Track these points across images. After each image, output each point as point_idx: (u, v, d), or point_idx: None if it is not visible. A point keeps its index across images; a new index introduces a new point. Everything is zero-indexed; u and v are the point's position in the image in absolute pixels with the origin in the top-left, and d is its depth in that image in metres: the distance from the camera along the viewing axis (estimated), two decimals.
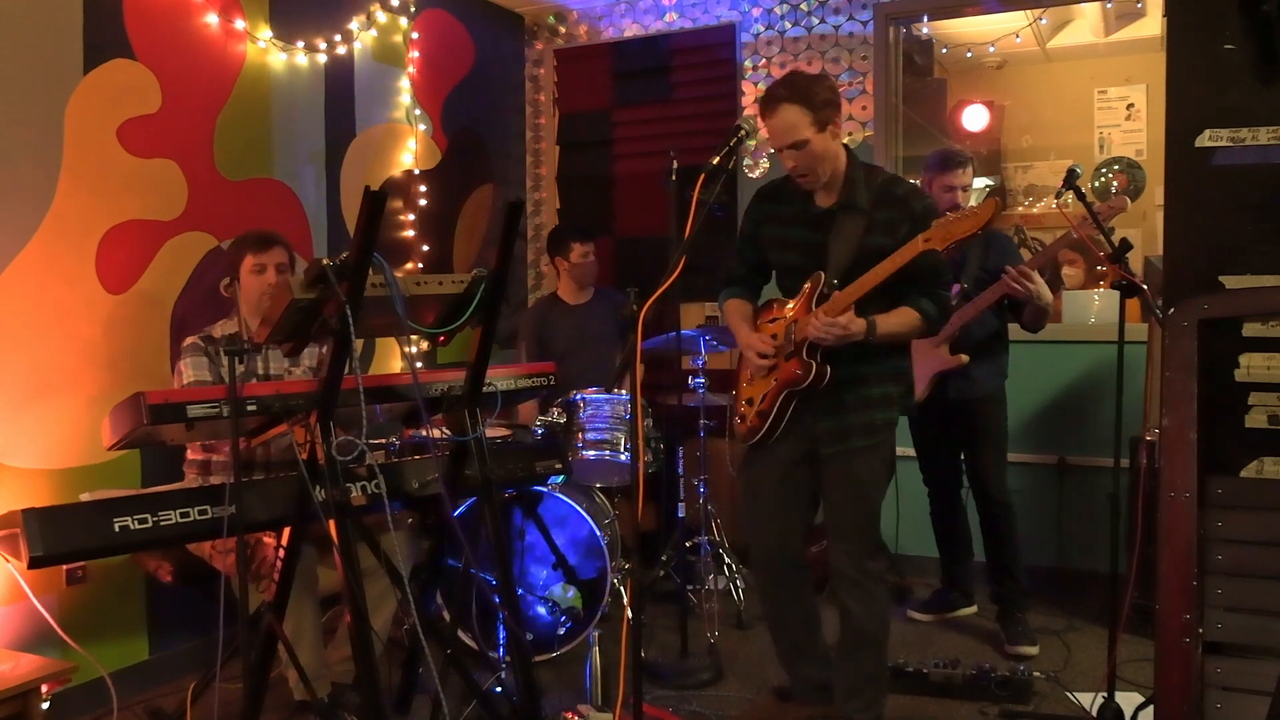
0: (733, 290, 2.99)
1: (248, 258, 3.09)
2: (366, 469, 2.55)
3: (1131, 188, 6.10)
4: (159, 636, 3.46)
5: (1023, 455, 4.31)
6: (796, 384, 2.70)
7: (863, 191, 2.70)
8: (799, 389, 2.71)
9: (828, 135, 2.65)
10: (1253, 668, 2.00)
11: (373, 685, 2.29)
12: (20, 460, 3.08)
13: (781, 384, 2.75)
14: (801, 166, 2.67)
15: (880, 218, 2.67)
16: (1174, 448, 2.09)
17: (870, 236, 2.66)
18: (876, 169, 2.84)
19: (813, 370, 2.67)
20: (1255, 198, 2.33)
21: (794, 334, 2.72)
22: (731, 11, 4.96)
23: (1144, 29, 5.85)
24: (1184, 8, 2.42)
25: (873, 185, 2.71)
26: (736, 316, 2.93)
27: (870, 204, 2.69)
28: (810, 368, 2.68)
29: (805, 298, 2.72)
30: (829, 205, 2.74)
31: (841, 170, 2.72)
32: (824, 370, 2.68)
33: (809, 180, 2.71)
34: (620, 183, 5.27)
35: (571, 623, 3.51)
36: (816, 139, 2.63)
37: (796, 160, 2.66)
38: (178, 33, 3.54)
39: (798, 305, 2.75)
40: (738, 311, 2.94)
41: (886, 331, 2.65)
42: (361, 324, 2.19)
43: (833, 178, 2.72)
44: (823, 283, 2.68)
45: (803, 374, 2.69)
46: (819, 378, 2.68)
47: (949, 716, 3.11)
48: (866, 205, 2.68)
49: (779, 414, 2.77)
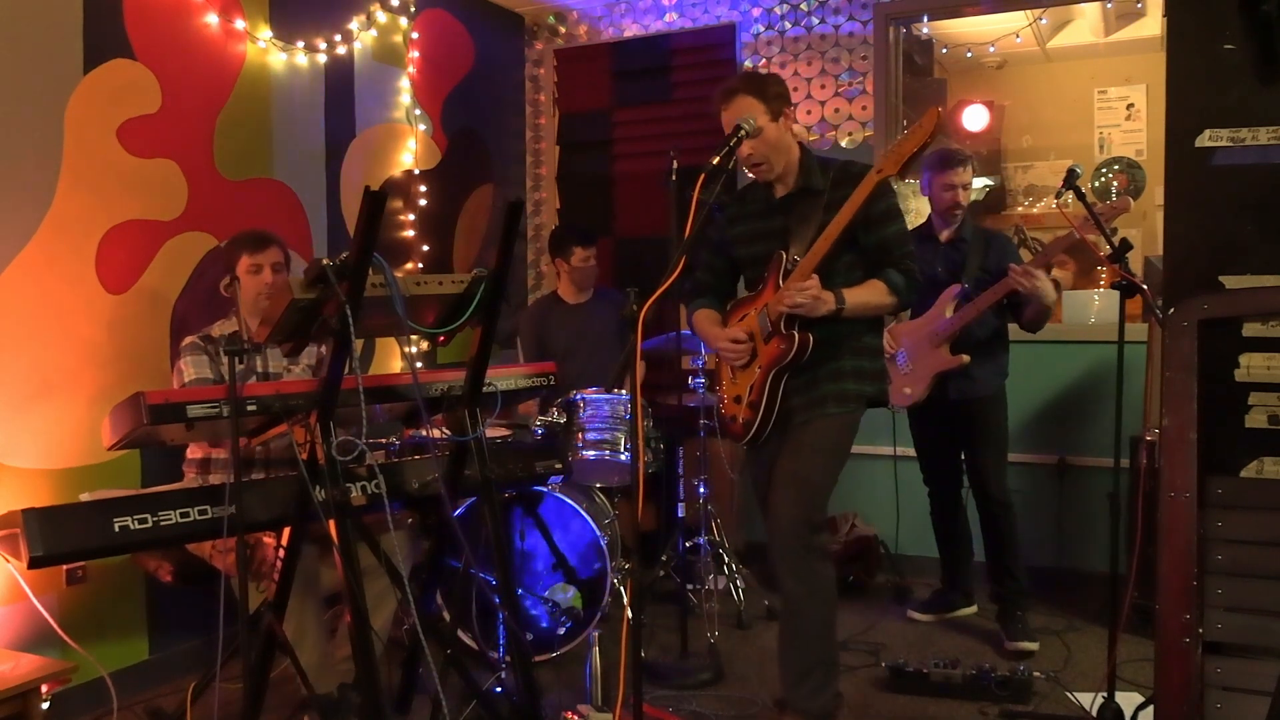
0: (701, 301, 3.04)
1: (243, 258, 3.09)
2: (366, 469, 2.55)
3: (1131, 188, 6.10)
4: (159, 636, 3.46)
5: (1023, 455, 4.31)
6: (783, 359, 2.72)
7: (818, 175, 2.79)
8: (786, 364, 2.72)
9: (780, 125, 2.76)
10: (1253, 668, 2.00)
11: (373, 685, 2.29)
12: (20, 460, 3.08)
13: (768, 366, 2.76)
14: (757, 155, 2.75)
15: (839, 194, 2.73)
16: (1174, 448, 2.09)
17: (829, 212, 2.71)
18: (831, 159, 2.90)
19: (795, 341, 2.69)
20: (1255, 198, 2.33)
21: (769, 314, 2.74)
22: (731, 11, 4.96)
23: (1144, 29, 5.85)
24: (1184, 8, 2.42)
25: (828, 169, 2.81)
26: (706, 323, 2.98)
27: (828, 185, 2.76)
28: (793, 339, 2.69)
29: (772, 281, 2.76)
30: (787, 193, 2.83)
31: (795, 160, 2.82)
32: (806, 338, 2.69)
33: (764, 170, 2.78)
34: (620, 183, 5.27)
35: (571, 623, 3.51)
36: (770, 127, 2.73)
37: (753, 149, 2.73)
38: (178, 33, 3.54)
39: (766, 292, 2.79)
40: (707, 319, 2.99)
41: (856, 302, 2.71)
42: (361, 324, 2.19)
43: (787, 168, 2.81)
44: (785, 260, 2.74)
45: (787, 347, 2.70)
46: (803, 346, 2.70)
47: (949, 716, 3.11)
48: (824, 186, 2.76)
49: (770, 399, 2.77)
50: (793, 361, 2.72)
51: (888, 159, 2.66)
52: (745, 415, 2.84)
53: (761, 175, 2.81)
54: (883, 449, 4.28)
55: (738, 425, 2.88)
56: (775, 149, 2.77)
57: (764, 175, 2.81)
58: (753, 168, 2.80)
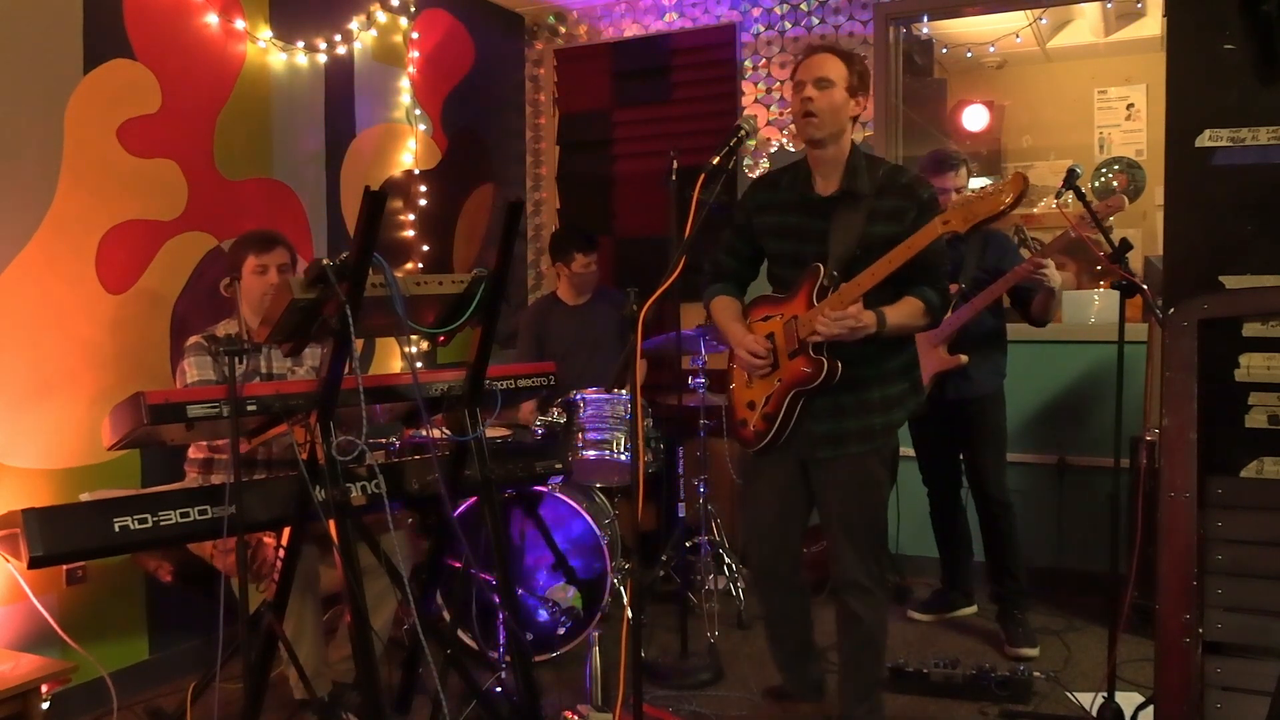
0: (720, 287, 2.89)
1: (250, 258, 3.09)
2: (366, 469, 2.55)
3: (1131, 188, 6.10)
4: (159, 636, 3.46)
5: (1023, 455, 4.31)
6: (807, 383, 2.61)
7: (865, 179, 2.64)
8: (810, 388, 2.62)
9: (851, 102, 2.65)
10: (1253, 668, 2.00)
11: (373, 685, 2.29)
12: (20, 460, 3.08)
13: (789, 384, 2.66)
14: (818, 104, 2.61)
15: (885, 205, 2.61)
16: (1174, 448, 2.09)
17: (874, 224, 2.60)
18: (879, 159, 2.79)
19: (824, 367, 2.58)
20: (1255, 198, 2.33)
21: (798, 330, 2.63)
22: (731, 11, 4.96)
23: (1144, 29, 5.85)
24: (1184, 8, 2.42)
25: (875, 173, 2.65)
26: (727, 314, 2.83)
27: (873, 191, 2.62)
28: (821, 365, 2.58)
29: (805, 292, 2.64)
30: (830, 193, 2.68)
31: (844, 155, 2.68)
32: (835, 366, 2.58)
33: (811, 124, 2.62)
34: (620, 183, 5.27)
35: (571, 623, 3.51)
36: (841, 95, 2.62)
37: (817, 97, 2.61)
38: (178, 33, 3.54)
39: (796, 301, 2.66)
40: (728, 309, 2.84)
41: (895, 324, 2.58)
42: (361, 324, 2.19)
43: (835, 160, 2.67)
44: (823, 275, 2.60)
45: (813, 372, 2.59)
46: (831, 375, 2.58)
47: (949, 716, 3.11)
48: (870, 192, 2.62)
49: (786, 416, 2.68)
50: (819, 388, 2.61)
51: (957, 214, 2.45)
52: (758, 425, 2.75)
53: (804, 129, 2.64)
54: None
55: (749, 431, 2.79)
56: (836, 113, 2.62)
57: (806, 130, 2.64)
58: (803, 117, 2.65)
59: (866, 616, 2.73)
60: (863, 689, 2.79)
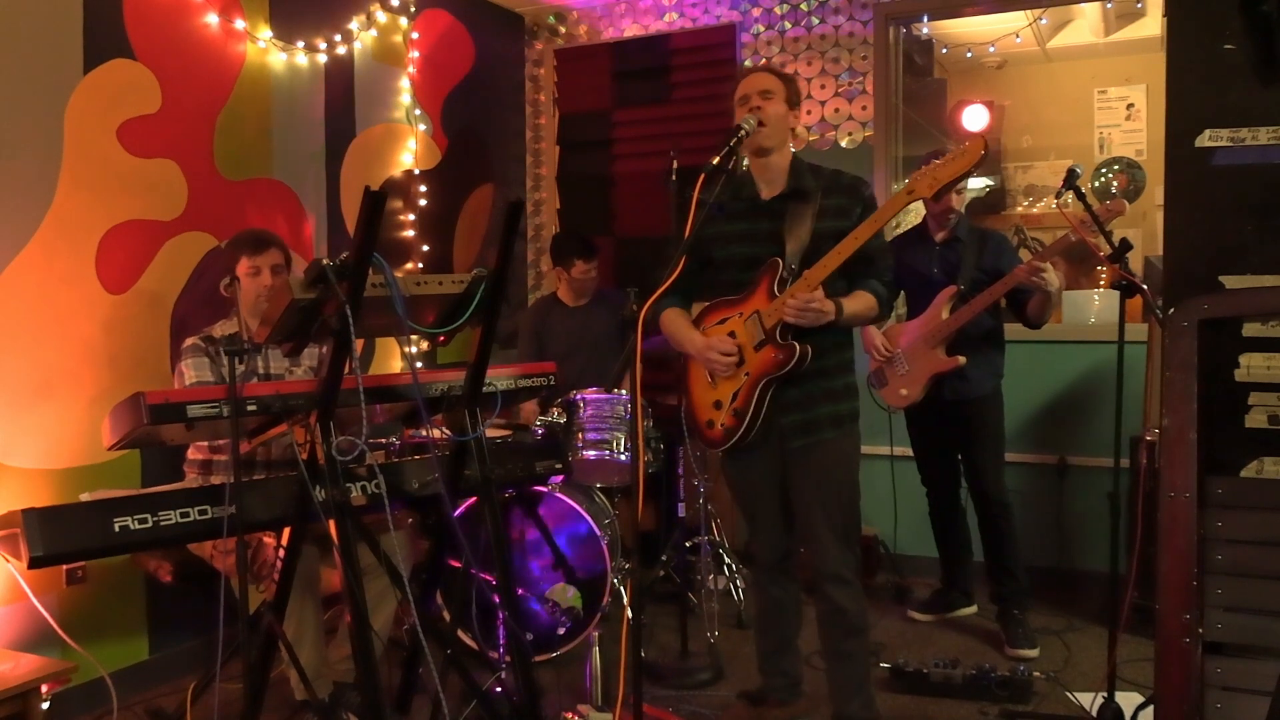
0: (667, 301, 2.93)
1: (243, 260, 3.09)
2: (366, 469, 2.55)
3: (1131, 188, 6.11)
4: (159, 636, 3.46)
5: (1022, 455, 4.31)
6: (779, 369, 2.68)
7: (809, 180, 2.78)
8: (781, 374, 2.69)
9: (790, 114, 2.78)
10: (1253, 668, 2.00)
11: (373, 685, 2.29)
12: (20, 460, 3.08)
13: (758, 375, 2.72)
14: (766, 113, 2.71)
15: (831, 203, 2.74)
16: (1174, 448, 2.09)
17: (822, 221, 2.71)
18: (819, 165, 2.88)
19: (795, 350, 2.66)
20: (1255, 198, 2.33)
21: (763, 322, 2.70)
22: (731, 11, 4.96)
23: (1144, 29, 5.85)
24: (1184, 8, 2.42)
25: (819, 176, 2.80)
26: (679, 323, 2.90)
27: (819, 191, 2.75)
28: (792, 349, 2.66)
29: (764, 287, 2.72)
30: (776, 195, 2.80)
31: (787, 162, 2.81)
32: (805, 349, 2.67)
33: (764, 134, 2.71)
34: (620, 183, 5.27)
35: (571, 623, 3.51)
36: (782, 106, 2.76)
37: (765, 106, 2.72)
38: (178, 33, 3.54)
39: (755, 297, 2.74)
40: (680, 318, 2.91)
41: (851, 312, 2.72)
42: (361, 324, 2.19)
43: (778, 167, 2.80)
44: (782, 268, 2.70)
45: (784, 357, 2.67)
46: (802, 357, 2.67)
47: (949, 716, 3.12)
48: (816, 192, 2.75)
49: (757, 407, 2.73)
50: (790, 371, 2.69)
51: (921, 181, 2.59)
52: (728, 423, 2.79)
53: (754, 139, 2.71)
54: (880, 449, 4.27)
55: (717, 431, 2.83)
56: (779, 123, 2.74)
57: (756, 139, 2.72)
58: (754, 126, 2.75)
59: (850, 607, 2.78)
60: (854, 682, 2.81)
